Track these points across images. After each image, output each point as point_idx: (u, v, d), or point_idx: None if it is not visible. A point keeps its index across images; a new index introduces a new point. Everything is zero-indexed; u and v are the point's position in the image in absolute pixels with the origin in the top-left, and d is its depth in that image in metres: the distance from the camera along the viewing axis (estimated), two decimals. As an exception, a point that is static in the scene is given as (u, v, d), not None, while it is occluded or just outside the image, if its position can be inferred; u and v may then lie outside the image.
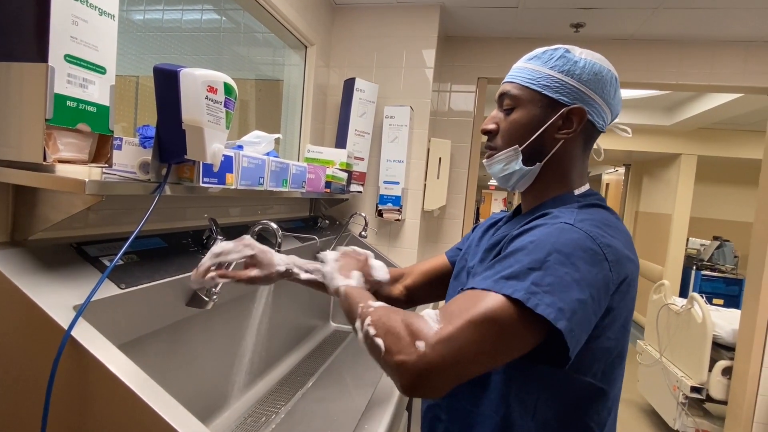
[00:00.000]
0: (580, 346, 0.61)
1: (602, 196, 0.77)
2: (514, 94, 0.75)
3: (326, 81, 2.21)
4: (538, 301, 0.57)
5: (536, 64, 0.74)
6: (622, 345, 0.70)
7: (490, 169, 0.80)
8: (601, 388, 0.69)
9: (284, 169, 1.23)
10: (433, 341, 0.56)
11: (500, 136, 0.78)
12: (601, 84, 0.73)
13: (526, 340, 0.59)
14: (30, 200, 0.71)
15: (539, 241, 0.63)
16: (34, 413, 0.61)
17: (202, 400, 1.11)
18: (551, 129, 0.73)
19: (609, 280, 0.63)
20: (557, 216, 0.68)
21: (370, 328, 0.62)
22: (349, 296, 0.74)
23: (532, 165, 0.76)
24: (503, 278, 0.60)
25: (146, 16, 1.34)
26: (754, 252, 2.34)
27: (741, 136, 4.54)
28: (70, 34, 0.61)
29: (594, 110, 0.73)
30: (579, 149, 0.76)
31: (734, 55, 2.24)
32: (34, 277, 0.65)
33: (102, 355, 0.58)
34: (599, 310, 0.62)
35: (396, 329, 0.59)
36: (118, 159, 0.79)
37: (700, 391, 2.61)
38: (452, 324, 0.57)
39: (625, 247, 0.67)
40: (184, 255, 0.97)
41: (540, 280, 0.58)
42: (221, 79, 0.77)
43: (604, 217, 0.71)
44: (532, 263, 0.60)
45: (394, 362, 0.57)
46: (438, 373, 0.56)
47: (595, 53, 0.75)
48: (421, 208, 2.23)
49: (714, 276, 4.81)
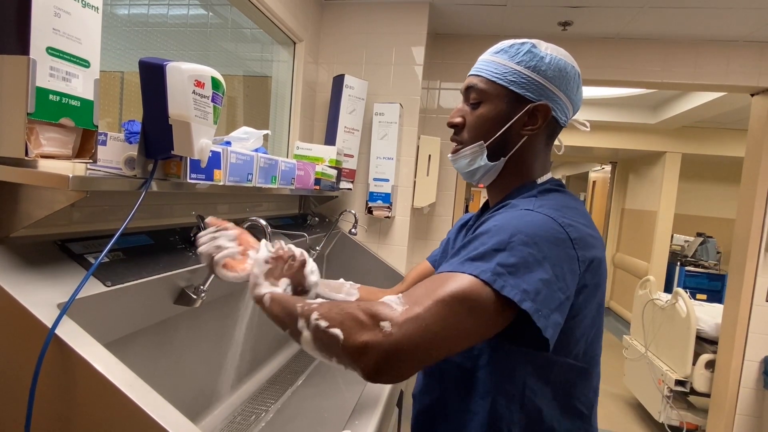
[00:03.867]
0: (556, 325, 0.60)
1: (562, 181, 0.80)
2: (480, 88, 0.76)
3: (315, 78, 2.20)
4: (504, 283, 0.57)
5: (503, 58, 0.75)
6: (598, 323, 0.71)
7: (456, 164, 0.81)
8: (583, 367, 0.70)
9: (273, 166, 1.22)
10: (401, 320, 0.53)
11: (466, 130, 0.78)
12: (566, 80, 0.74)
13: (494, 320, 0.59)
14: (12, 196, 0.69)
15: (502, 224, 0.64)
16: (17, 414, 0.60)
17: (191, 399, 1.10)
18: (516, 125, 0.74)
19: (573, 258, 0.63)
20: (517, 205, 0.70)
21: (320, 321, 0.58)
22: (279, 301, 0.68)
23: (497, 160, 0.77)
24: (469, 260, 0.60)
25: (131, 11, 1.31)
26: (736, 248, 2.39)
27: (724, 134, 4.63)
28: (52, 26, 0.60)
29: (558, 106, 0.75)
30: (542, 144, 0.78)
31: (717, 55, 2.28)
32: (17, 275, 0.64)
33: (88, 354, 0.57)
34: (566, 289, 0.62)
35: (354, 315, 0.56)
36: (102, 155, 0.77)
37: (685, 384, 2.67)
38: (419, 304, 0.55)
39: (587, 226, 0.68)
40: (172, 252, 0.96)
41: (505, 260, 0.59)
42: (208, 73, 0.76)
43: (563, 200, 0.72)
44: (497, 245, 0.61)
45: (356, 345, 0.54)
46: (405, 354, 0.53)
47: (560, 49, 0.76)
48: (410, 206, 2.23)
49: (697, 272, 4.91)
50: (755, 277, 2.26)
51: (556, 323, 0.60)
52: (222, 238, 0.80)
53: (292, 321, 0.62)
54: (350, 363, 0.56)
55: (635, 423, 3.11)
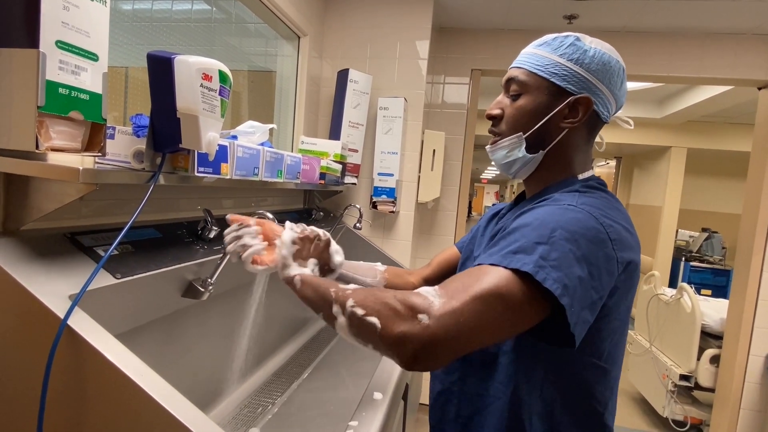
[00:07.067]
0: (585, 323, 0.60)
1: (603, 180, 0.78)
2: (521, 80, 0.75)
3: (319, 72, 2.20)
4: (546, 275, 0.57)
5: (546, 51, 0.74)
6: (625, 326, 0.71)
7: (493, 155, 0.80)
8: (604, 368, 0.70)
9: (279, 160, 1.22)
10: (438, 314, 0.54)
11: (505, 122, 0.77)
12: (609, 74, 0.73)
13: (530, 315, 0.59)
14: (22, 189, 0.70)
15: (544, 218, 0.63)
16: (31, 402, 0.61)
17: (198, 391, 1.11)
18: (556, 117, 0.73)
19: (612, 259, 0.63)
20: (559, 199, 0.68)
21: (356, 309, 0.59)
22: (311, 284, 0.69)
23: (536, 153, 0.76)
24: (510, 252, 0.60)
25: (135, 6, 1.32)
26: (741, 243, 2.38)
27: (730, 128, 4.59)
28: (61, 20, 0.60)
29: (600, 100, 0.73)
30: (582, 139, 0.76)
31: (724, 48, 2.26)
32: (29, 267, 0.64)
33: (99, 344, 0.58)
34: (600, 289, 0.62)
35: (391, 305, 0.57)
36: (111, 148, 0.78)
37: (689, 379, 2.66)
38: (456, 299, 0.56)
39: (627, 229, 0.68)
40: (179, 246, 0.97)
41: (547, 254, 0.58)
42: (216, 66, 0.76)
43: (606, 199, 0.71)
44: (539, 238, 0.60)
45: (395, 335, 0.55)
46: (442, 345, 0.55)
47: (605, 43, 0.75)
48: (415, 200, 2.23)
49: (702, 267, 4.89)
50: (761, 272, 2.25)
51: (585, 321, 0.60)
52: (246, 237, 0.80)
53: (326, 306, 0.63)
54: (387, 351, 0.57)
55: (639, 417, 3.11)
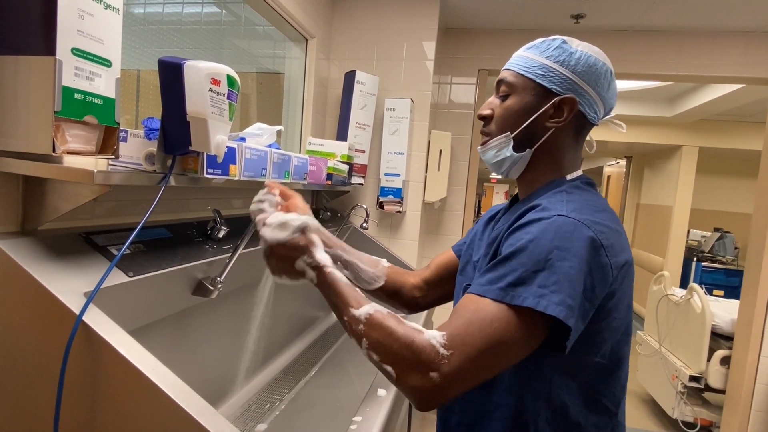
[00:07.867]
0: (577, 332, 0.63)
1: (591, 179, 0.80)
2: (509, 81, 0.78)
3: (327, 74, 2.22)
4: (547, 303, 0.59)
5: (533, 53, 0.76)
6: (627, 323, 0.72)
7: (484, 155, 0.83)
8: (610, 366, 0.71)
9: (286, 161, 1.24)
10: (446, 371, 0.59)
11: (494, 122, 0.80)
12: (595, 76, 0.75)
13: (535, 342, 0.63)
14: (39, 191, 0.73)
15: (538, 239, 0.64)
16: (48, 394, 0.63)
17: (207, 388, 1.14)
18: (542, 117, 0.75)
19: (606, 266, 0.64)
20: (547, 208, 0.68)
21: (371, 353, 0.63)
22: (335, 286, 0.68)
23: (523, 151, 0.78)
24: (510, 285, 0.62)
25: (147, 10, 1.35)
26: (752, 243, 2.35)
27: (742, 127, 4.53)
28: (76, 28, 0.63)
29: (586, 101, 0.75)
30: (570, 139, 0.78)
31: (734, 46, 2.24)
32: (45, 265, 0.67)
33: (113, 339, 0.60)
34: (594, 299, 0.64)
35: (403, 357, 0.60)
36: (123, 151, 0.80)
37: (699, 381, 2.64)
38: (463, 352, 0.59)
39: (617, 230, 0.69)
40: (189, 245, 0.99)
41: (546, 281, 0.61)
42: (224, 71, 0.78)
43: (593, 201, 0.72)
44: (536, 265, 0.62)
45: (409, 387, 0.61)
46: (451, 395, 0.60)
47: (593, 46, 0.76)
48: (422, 200, 2.25)
49: (714, 267, 4.83)
50: (772, 272, 2.23)
51: (578, 330, 0.63)
52: (266, 203, 0.79)
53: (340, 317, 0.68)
54: (402, 393, 0.64)
55: (649, 419, 3.09)
